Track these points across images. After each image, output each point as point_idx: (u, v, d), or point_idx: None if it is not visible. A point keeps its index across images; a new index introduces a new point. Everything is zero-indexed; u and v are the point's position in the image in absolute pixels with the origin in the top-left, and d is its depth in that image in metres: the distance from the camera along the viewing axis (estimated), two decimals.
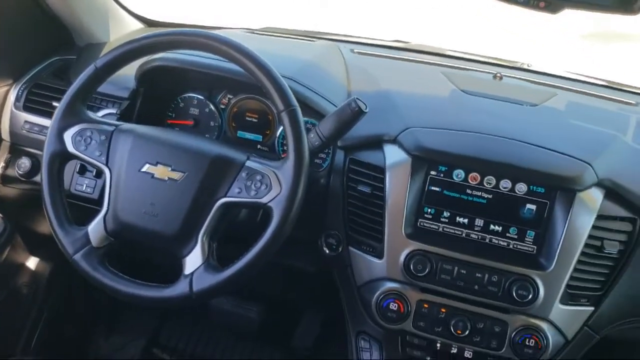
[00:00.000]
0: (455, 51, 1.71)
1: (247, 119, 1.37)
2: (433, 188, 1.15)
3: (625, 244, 1.12)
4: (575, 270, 1.10)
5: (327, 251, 1.25)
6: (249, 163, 1.07)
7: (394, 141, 1.18)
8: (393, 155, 1.17)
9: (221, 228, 1.08)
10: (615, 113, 1.41)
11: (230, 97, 1.37)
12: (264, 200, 1.03)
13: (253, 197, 1.04)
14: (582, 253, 1.09)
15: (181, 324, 2.02)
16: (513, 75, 1.55)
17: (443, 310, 1.15)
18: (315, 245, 1.26)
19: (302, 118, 1.06)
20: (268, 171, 1.05)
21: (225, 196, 1.05)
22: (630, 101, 1.50)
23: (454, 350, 1.16)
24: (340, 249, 1.24)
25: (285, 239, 1.03)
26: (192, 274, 1.04)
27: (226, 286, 1.02)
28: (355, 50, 1.60)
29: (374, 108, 1.13)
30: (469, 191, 1.15)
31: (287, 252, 1.09)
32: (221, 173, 1.07)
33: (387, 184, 1.16)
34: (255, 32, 1.70)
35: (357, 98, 1.09)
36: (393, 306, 1.15)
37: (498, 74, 1.50)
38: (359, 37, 1.76)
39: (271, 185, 1.03)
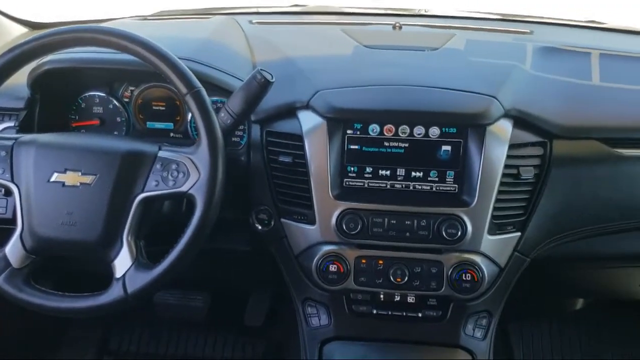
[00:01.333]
0: (352, 7, 1.71)
1: (155, 108, 1.32)
2: (352, 147, 1.16)
3: (539, 167, 1.17)
4: (497, 200, 1.14)
5: (260, 227, 1.24)
6: (161, 153, 1.04)
7: (307, 107, 1.17)
8: (308, 121, 1.17)
9: (145, 225, 1.05)
10: (512, 44, 1.45)
11: (132, 89, 1.32)
12: (184, 188, 1.01)
13: (172, 188, 1.02)
14: (501, 183, 1.13)
15: (129, 326, 1.97)
16: (412, 23, 1.57)
17: (380, 262, 1.17)
18: (247, 223, 1.25)
19: (207, 98, 1.03)
20: (183, 158, 1.02)
21: (142, 191, 1.03)
22: (525, 30, 1.55)
23: (397, 298, 1.19)
24: (272, 222, 1.23)
25: (214, 222, 1.02)
26: (123, 276, 1.02)
27: (161, 282, 1.01)
28: (254, 21, 1.57)
29: (281, 76, 1.13)
30: (386, 143, 1.16)
31: (219, 235, 1.08)
32: (134, 168, 1.03)
33: (307, 151, 1.16)
34: (148, 18, 1.64)
35: (261, 69, 1.07)
36: (333, 268, 1.16)
37: (397, 24, 1.51)
38: (257, 7, 1.73)
39: (189, 173, 1.01)
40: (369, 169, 1.17)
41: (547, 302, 1.89)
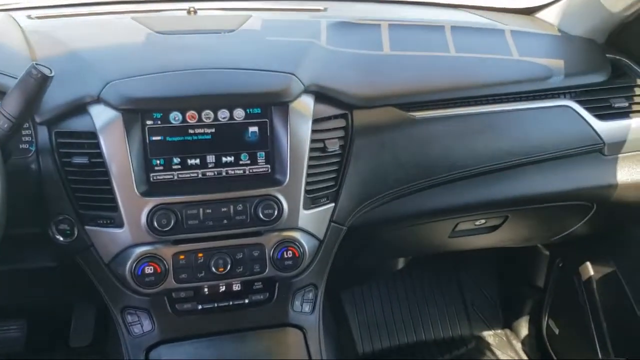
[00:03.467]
0: None
1: None
2: (154, 138, 1.10)
3: (343, 139, 1.20)
4: (309, 175, 1.15)
5: (62, 239, 1.13)
6: None
7: (98, 100, 1.08)
8: (101, 115, 1.08)
9: None
10: (307, 22, 1.48)
11: None
12: None
13: None
14: (310, 158, 1.15)
15: None
16: (207, 7, 1.53)
17: (200, 255, 1.13)
18: (48, 237, 1.13)
19: None
20: None
21: None
22: (319, 8, 1.59)
23: (223, 288, 1.16)
24: (75, 232, 1.13)
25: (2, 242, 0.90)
26: None
27: None
28: (34, 16, 1.42)
29: (66, 71, 1.04)
30: (191, 131, 1.11)
31: (18, 255, 0.96)
32: None
33: (104, 148, 1.07)
34: None
35: (36, 64, 0.96)
36: (149, 270, 1.10)
37: (191, 9, 1.46)
38: (37, 1, 1.57)
39: None
40: (176, 160, 1.12)
41: (372, 266, 1.99)
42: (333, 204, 1.21)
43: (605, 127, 1.34)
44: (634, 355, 1.33)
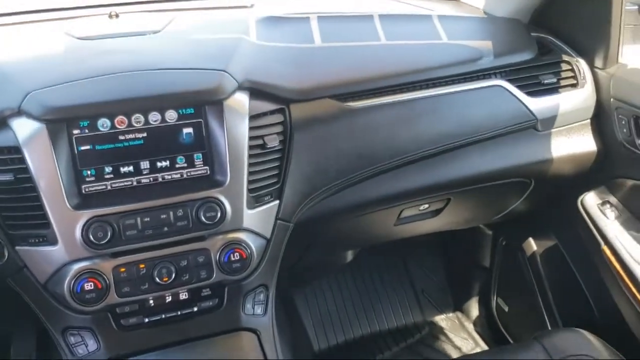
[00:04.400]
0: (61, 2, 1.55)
1: None
2: (83, 148, 1.04)
3: (283, 134, 1.18)
4: (250, 173, 1.12)
5: None
6: None
7: (19, 113, 1.01)
8: (24, 128, 1.01)
9: None
10: (235, 19, 1.44)
11: None
12: None
13: None
14: (250, 156, 1.12)
15: None
16: (130, 10, 1.48)
17: (142, 266, 1.08)
18: None
19: None
20: None
21: None
22: (246, 4, 1.56)
23: (169, 299, 1.12)
24: (5, 253, 1.06)
25: None
26: None
27: None
28: None
29: None
30: (121, 137, 1.06)
31: None
32: None
33: (29, 163, 1.00)
34: None
35: None
36: (88, 286, 1.04)
37: (113, 13, 1.41)
38: None
39: None
40: (108, 169, 1.06)
41: (322, 261, 1.98)
42: (277, 201, 1.19)
43: (536, 104, 1.36)
44: (581, 322, 1.37)
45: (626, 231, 1.38)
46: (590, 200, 1.48)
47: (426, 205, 1.52)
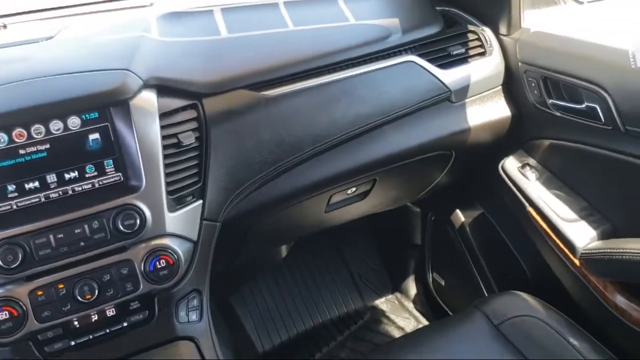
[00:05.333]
0: None
1: None
2: None
3: (198, 130, 1.13)
4: (168, 174, 1.07)
5: None
6: None
7: None
8: None
9: None
10: (135, 18, 1.38)
11: None
12: None
13: None
14: (165, 156, 1.06)
15: None
16: (18, 21, 1.39)
17: (61, 286, 1.00)
18: None
19: None
20: None
21: None
22: (145, 4, 1.50)
23: (95, 317, 1.04)
24: None
25: None
26: None
27: None
28: None
29: None
30: (22, 151, 0.98)
31: None
32: None
33: None
34: None
35: None
36: (2, 316, 0.95)
37: (1, 24, 1.32)
38: None
39: None
40: (11, 187, 0.98)
41: (256, 259, 1.94)
42: (201, 201, 1.13)
43: (448, 75, 1.38)
44: (516, 285, 1.40)
45: (548, 190, 1.42)
46: (510, 164, 1.51)
47: (354, 189, 1.51)
